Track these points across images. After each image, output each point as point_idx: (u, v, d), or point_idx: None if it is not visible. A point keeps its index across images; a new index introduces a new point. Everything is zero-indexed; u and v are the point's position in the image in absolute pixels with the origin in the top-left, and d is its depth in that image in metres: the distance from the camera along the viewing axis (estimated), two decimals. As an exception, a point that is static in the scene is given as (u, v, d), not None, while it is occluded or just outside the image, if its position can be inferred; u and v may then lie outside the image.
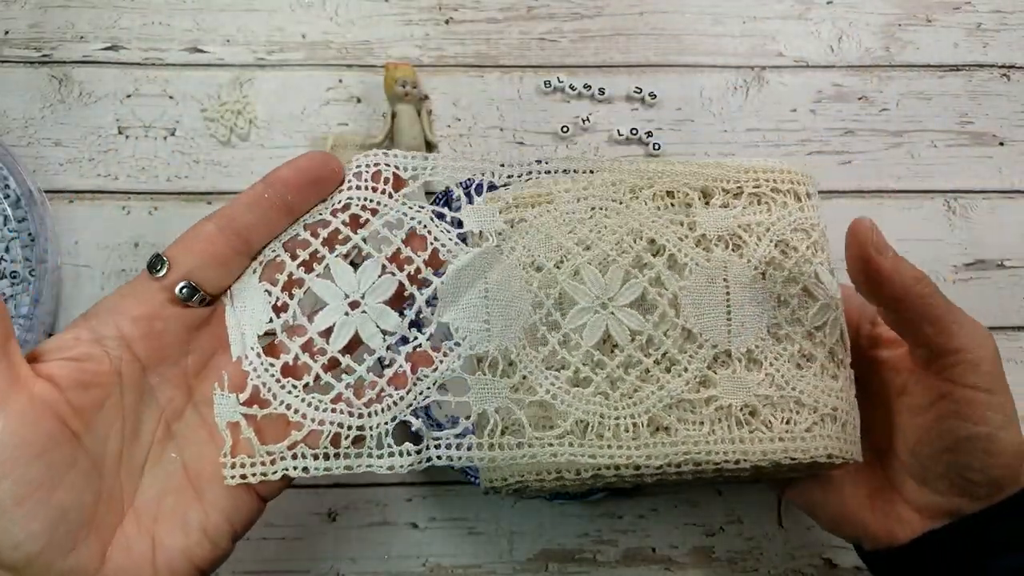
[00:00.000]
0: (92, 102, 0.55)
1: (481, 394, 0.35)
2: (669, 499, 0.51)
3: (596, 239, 0.36)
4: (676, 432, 0.34)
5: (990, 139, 0.57)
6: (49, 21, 0.57)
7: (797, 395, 0.35)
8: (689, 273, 0.35)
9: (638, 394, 0.35)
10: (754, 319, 0.36)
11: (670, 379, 0.35)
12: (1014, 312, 0.54)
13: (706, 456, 0.34)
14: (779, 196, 0.37)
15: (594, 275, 0.35)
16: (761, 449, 0.34)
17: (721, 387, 0.35)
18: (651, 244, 0.36)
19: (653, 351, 0.35)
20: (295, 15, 0.58)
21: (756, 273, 0.36)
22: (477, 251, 0.35)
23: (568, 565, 0.50)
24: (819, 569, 0.50)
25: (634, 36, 0.58)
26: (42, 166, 0.54)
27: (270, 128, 0.55)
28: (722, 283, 0.35)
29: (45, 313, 0.51)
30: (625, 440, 0.34)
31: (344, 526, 0.50)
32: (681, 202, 0.36)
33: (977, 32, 0.59)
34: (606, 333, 0.35)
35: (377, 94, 0.55)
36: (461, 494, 0.51)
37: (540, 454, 0.34)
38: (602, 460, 0.34)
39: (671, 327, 0.35)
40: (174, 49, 0.57)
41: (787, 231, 0.37)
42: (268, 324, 0.34)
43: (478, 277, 0.35)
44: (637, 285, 0.35)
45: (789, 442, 0.35)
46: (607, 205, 0.36)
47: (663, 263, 0.36)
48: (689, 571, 0.50)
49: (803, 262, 0.37)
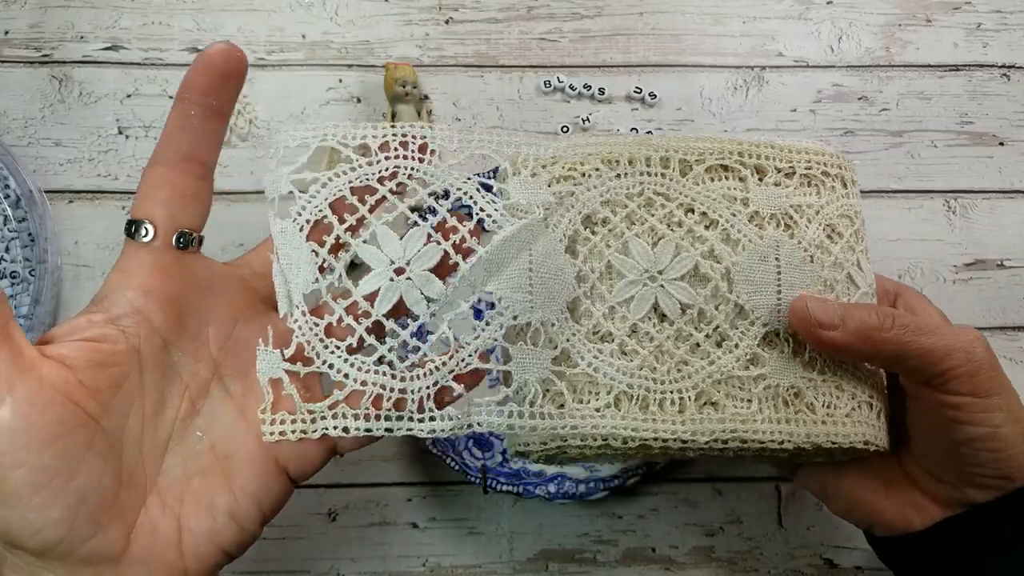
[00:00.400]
0: (92, 102, 0.55)
1: (523, 364, 0.34)
2: (669, 499, 0.51)
3: (646, 213, 0.35)
4: (724, 408, 0.34)
5: (990, 139, 0.57)
6: (49, 21, 0.57)
7: (838, 380, 0.35)
8: (742, 249, 0.35)
9: (687, 368, 0.35)
10: None
11: (721, 354, 0.35)
12: (1014, 312, 0.54)
13: (753, 435, 0.34)
14: (828, 180, 0.37)
15: (643, 248, 0.35)
16: (806, 431, 0.34)
17: (770, 366, 0.35)
18: (703, 217, 0.36)
19: (704, 325, 0.35)
20: (295, 15, 0.58)
21: (806, 255, 0.36)
22: (523, 223, 0.34)
23: (568, 565, 0.50)
24: (819, 569, 0.50)
25: (634, 36, 0.58)
26: (42, 166, 0.54)
27: (270, 128, 0.55)
28: (774, 262, 0.35)
29: (45, 313, 0.51)
30: (671, 414, 0.34)
31: (344, 526, 0.50)
32: (735, 177, 0.36)
33: (977, 32, 0.59)
34: (654, 306, 0.35)
35: (377, 94, 0.55)
36: (461, 494, 0.51)
37: (581, 425, 0.34)
38: (646, 434, 0.34)
39: (723, 302, 0.35)
40: (174, 49, 0.57)
41: (835, 216, 0.37)
42: (314, 284, 0.34)
43: (523, 249, 0.35)
44: (689, 258, 0.35)
45: (831, 426, 0.35)
46: (656, 180, 0.36)
47: (717, 237, 0.35)
48: (689, 571, 0.50)
49: (847, 249, 0.37)
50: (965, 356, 0.34)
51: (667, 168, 0.36)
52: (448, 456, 0.48)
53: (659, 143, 0.36)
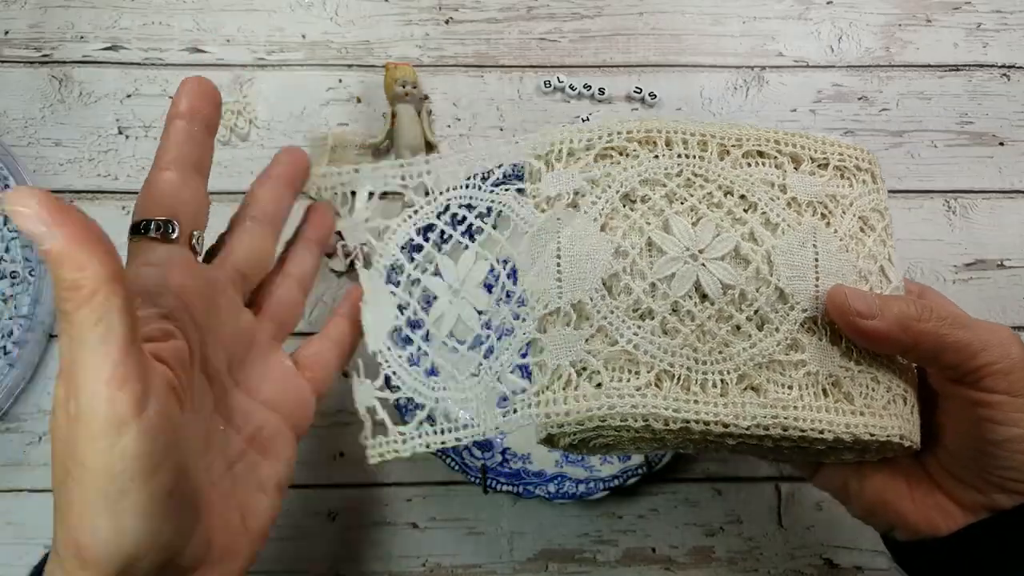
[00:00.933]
0: (92, 102, 0.55)
1: (556, 349, 0.34)
2: (669, 499, 0.51)
3: (685, 192, 0.35)
4: (766, 393, 0.34)
5: (990, 139, 0.57)
6: (49, 21, 0.57)
7: (874, 372, 0.35)
8: (781, 233, 0.35)
9: (729, 349, 0.34)
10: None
11: (762, 337, 0.34)
12: (1014, 312, 0.54)
13: (794, 422, 0.33)
14: (860, 174, 0.37)
15: (684, 226, 0.34)
16: (845, 422, 0.34)
17: (810, 352, 0.34)
18: (742, 200, 0.35)
19: (746, 307, 0.34)
20: (295, 15, 0.58)
21: (841, 244, 0.35)
22: (548, 213, 0.35)
23: (568, 565, 0.50)
24: (819, 569, 0.50)
25: (634, 36, 0.58)
26: (42, 166, 0.54)
27: (270, 128, 0.55)
28: (812, 248, 0.35)
29: (45, 313, 0.51)
30: (712, 396, 0.33)
31: (344, 526, 0.50)
32: (771, 164, 0.36)
33: (977, 32, 0.59)
34: (696, 284, 0.34)
35: (377, 94, 0.55)
36: (461, 494, 0.51)
37: (619, 405, 0.33)
38: (688, 415, 0.33)
39: (764, 284, 0.34)
40: (174, 49, 0.57)
41: (867, 209, 0.37)
42: (395, 320, 0.40)
43: (551, 239, 0.35)
44: (730, 238, 0.34)
45: (870, 417, 0.34)
46: (695, 162, 0.35)
47: (756, 220, 0.35)
48: (689, 571, 0.50)
49: (879, 242, 0.37)
50: (1001, 352, 0.33)
51: (705, 151, 0.36)
52: (448, 456, 0.48)
53: (695, 126, 0.36)
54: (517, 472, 0.49)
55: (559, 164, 0.36)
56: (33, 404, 0.51)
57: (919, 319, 0.33)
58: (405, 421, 0.48)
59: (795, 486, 0.51)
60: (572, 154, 0.36)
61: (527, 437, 0.51)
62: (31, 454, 0.50)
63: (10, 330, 0.50)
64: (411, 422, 0.39)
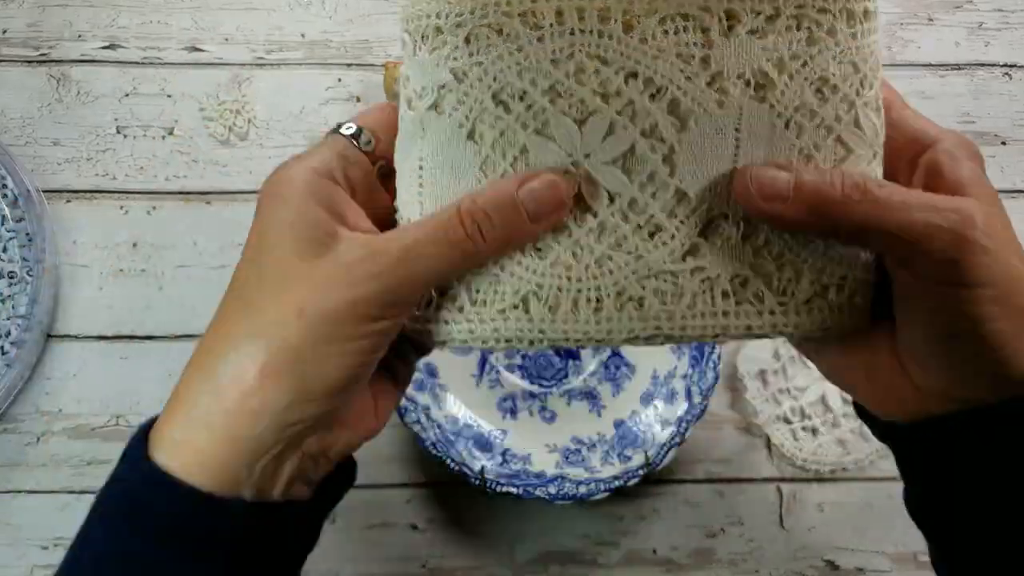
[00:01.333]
0: (90, 101, 0.55)
1: None
2: (670, 501, 0.51)
3: (573, 84, 0.29)
4: (649, 306, 0.30)
5: (992, 138, 0.57)
6: (47, 20, 0.56)
7: (799, 263, 0.31)
8: (694, 123, 0.29)
9: (609, 263, 0.30)
10: None
11: (651, 248, 0.30)
12: (1016, 312, 0.54)
13: (680, 332, 0.30)
14: (826, 19, 0.30)
15: (566, 128, 0.29)
16: (746, 323, 0.31)
17: (711, 257, 0.30)
18: (648, 85, 0.29)
19: (635, 215, 0.30)
20: (294, 14, 0.57)
21: (779, 121, 0.30)
22: (412, 116, 0.31)
23: (569, 567, 0.50)
24: (820, 571, 0.50)
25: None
26: (40, 165, 0.54)
27: (269, 127, 0.55)
28: (732, 134, 0.30)
29: (43, 313, 0.51)
30: (584, 314, 0.30)
31: (344, 527, 0.50)
32: (695, 29, 0.29)
33: (979, 31, 0.59)
34: (577, 196, 0.30)
35: (377, 93, 0.55)
36: (461, 495, 0.50)
37: (479, 330, 0.31)
38: (554, 336, 0.30)
39: (661, 188, 0.30)
40: (172, 48, 0.56)
41: (829, 64, 0.30)
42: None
43: (414, 146, 0.31)
44: (625, 137, 0.29)
45: (780, 316, 0.31)
46: (591, 39, 0.29)
47: (661, 109, 0.29)
48: (691, 573, 0.50)
49: (844, 104, 0.30)
50: (951, 238, 0.28)
51: (605, 24, 0.29)
52: (448, 457, 0.48)
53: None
54: (517, 473, 0.49)
55: (425, 46, 0.30)
56: (31, 404, 0.51)
57: (841, 201, 0.28)
58: (405, 421, 0.48)
59: (797, 487, 0.51)
60: (440, 32, 0.30)
61: (527, 438, 0.51)
62: (29, 454, 0.50)
63: (8, 330, 0.50)
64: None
